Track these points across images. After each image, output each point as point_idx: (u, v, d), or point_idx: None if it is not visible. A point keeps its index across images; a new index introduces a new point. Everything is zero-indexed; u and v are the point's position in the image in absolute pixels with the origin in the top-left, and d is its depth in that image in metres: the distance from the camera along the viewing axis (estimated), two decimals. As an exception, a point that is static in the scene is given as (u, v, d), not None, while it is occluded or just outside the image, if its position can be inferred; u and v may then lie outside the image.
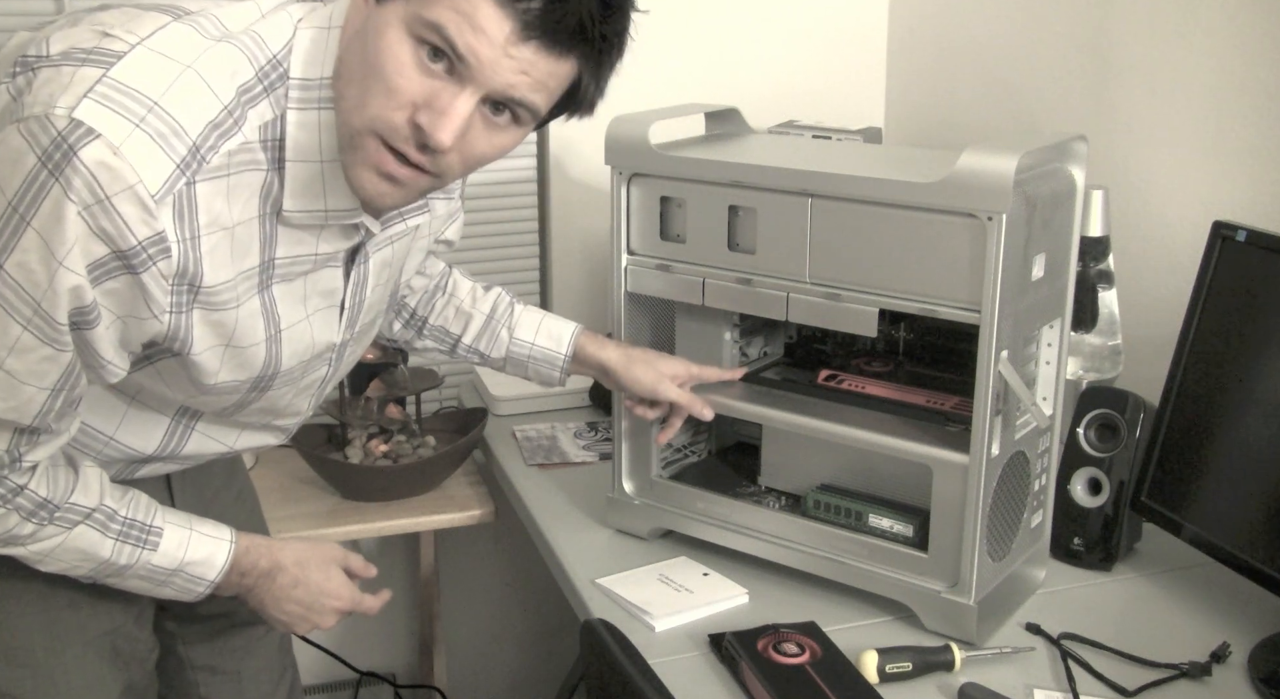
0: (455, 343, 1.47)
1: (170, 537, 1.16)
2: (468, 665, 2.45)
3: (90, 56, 0.95)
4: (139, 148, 0.93)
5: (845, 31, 2.28)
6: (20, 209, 0.92)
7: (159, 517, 1.16)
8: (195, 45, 0.98)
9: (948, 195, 1.20)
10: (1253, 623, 1.34)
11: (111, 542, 1.12)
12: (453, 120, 0.96)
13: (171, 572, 1.17)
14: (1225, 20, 1.57)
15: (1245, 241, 1.34)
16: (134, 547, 1.14)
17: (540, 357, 1.46)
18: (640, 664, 1.16)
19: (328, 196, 1.05)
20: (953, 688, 1.23)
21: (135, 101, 0.94)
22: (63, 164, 0.91)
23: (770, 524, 1.44)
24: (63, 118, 0.91)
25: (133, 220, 0.93)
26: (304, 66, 1.01)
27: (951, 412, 1.36)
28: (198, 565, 1.18)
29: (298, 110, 1.01)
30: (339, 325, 1.17)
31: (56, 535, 1.09)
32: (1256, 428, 1.31)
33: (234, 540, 1.20)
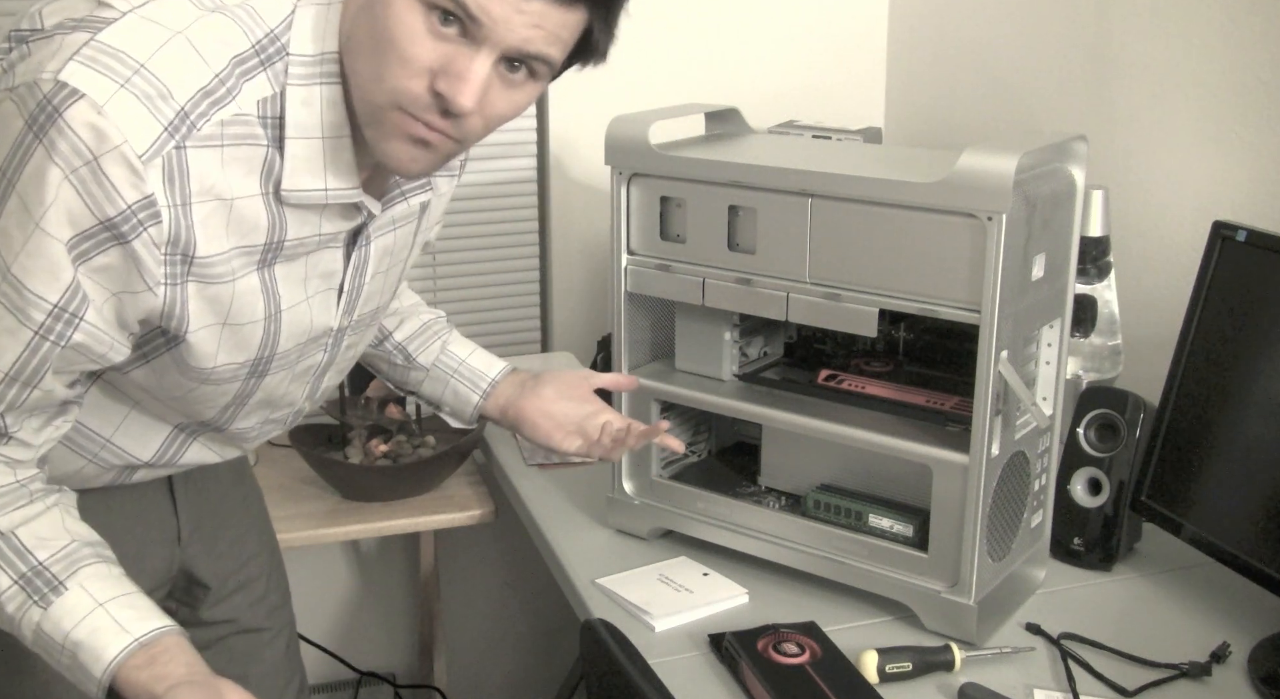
0: (384, 337, 1.43)
1: (71, 601, 1.00)
2: (468, 665, 2.45)
3: (81, 24, 0.94)
4: (124, 108, 0.91)
5: (845, 31, 2.28)
6: (8, 174, 0.92)
7: (80, 578, 1.01)
8: (188, 13, 0.97)
9: (948, 195, 1.20)
10: (1253, 623, 1.34)
11: (8, 580, 1.00)
12: (472, 83, 0.95)
13: (59, 647, 1.00)
14: (1225, 20, 1.57)
15: (1245, 241, 1.34)
16: (26, 595, 1.00)
17: (467, 374, 1.43)
18: (640, 664, 1.16)
19: (328, 175, 1.03)
20: (953, 688, 1.23)
21: (120, 63, 0.92)
22: (47, 125, 0.90)
23: (770, 524, 1.44)
24: (49, 81, 0.90)
25: (120, 182, 0.91)
26: (304, 42, 0.99)
27: (951, 412, 1.36)
28: (92, 646, 1.00)
29: (300, 86, 0.99)
30: (337, 309, 1.14)
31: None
32: (1256, 428, 1.31)
33: (161, 634, 1.01)
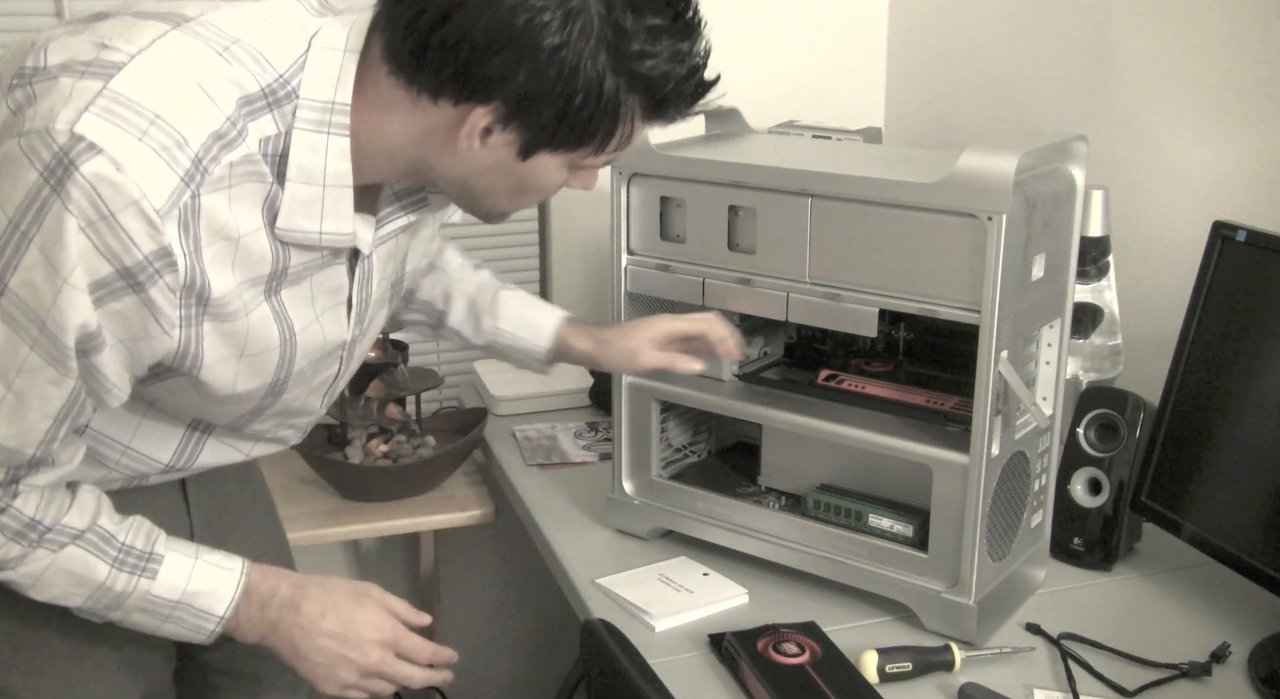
0: (440, 320, 1.44)
1: (172, 564, 1.10)
2: (468, 665, 2.45)
3: (89, 68, 0.94)
4: (143, 162, 0.91)
5: (845, 31, 2.28)
6: (22, 227, 0.91)
7: (161, 544, 1.11)
8: (196, 54, 0.97)
9: (948, 195, 1.20)
10: (1253, 623, 1.34)
11: (106, 566, 1.07)
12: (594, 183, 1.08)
13: (174, 603, 1.10)
14: (1225, 20, 1.57)
15: (1245, 241, 1.34)
16: (130, 573, 1.08)
17: (520, 348, 1.43)
18: (640, 664, 1.16)
19: (324, 219, 1.03)
20: (953, 688, 1.23)
21: (137, 114, 0.92)
22: (64, 179, 0.90)
23: (770, 524, 1.44)
24: (64, 133, 0.90)
25: (138, 235, 0.92)
26: (316, 87, 0.99)
27: (951, 412, 1.36)
28: (203, 597, 1.11)
29: (307, 131, 0.99)
30: (348, 322, 1.15)
31: (45, 558, 1.05)
32: (1256, 428, 1.31)
33: (245, 571, 1.13)
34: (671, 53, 0.97)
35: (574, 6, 0.92)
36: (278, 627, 1.14)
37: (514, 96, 0.95)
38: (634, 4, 0.94)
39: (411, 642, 1.20)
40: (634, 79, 0.96)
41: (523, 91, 0.95)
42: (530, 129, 0.98)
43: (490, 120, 0.97)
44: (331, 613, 1.15)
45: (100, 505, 1.10)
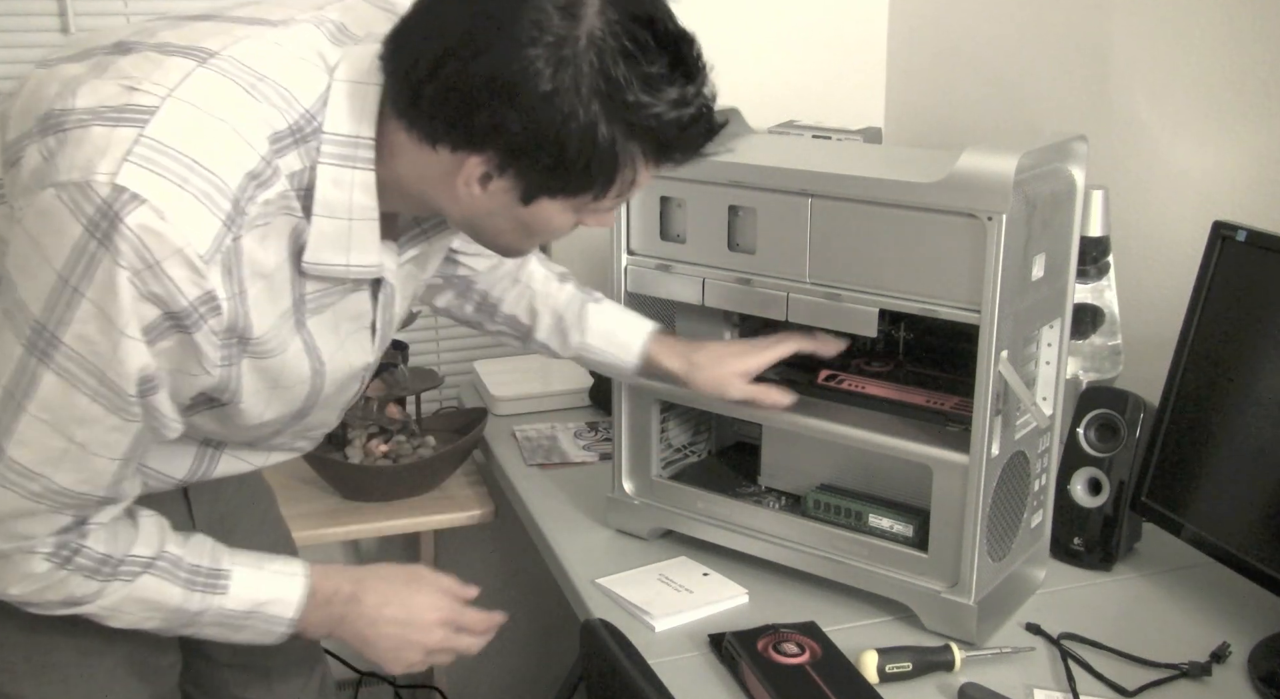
0: (527, 334, 1.45)
1: (240, 578, 1.13)
2: (468, 665, 2.45)
3: (123, 115, 0.93)
4: (185, 209, 0.92)
5: (845, 31, 2.28)
6: (72, 281, 0.91)
7: (226, 559, 1.13)
8: (224, 93, 0.96)
9: (948, 195, 1.20)
10: (1253, 623, 1.34)
11: (179, 589, 1.10)
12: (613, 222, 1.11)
13: (246, 614, 1.13)
14: (1225, 20, 1.57)
15: (1245, 241, 1.34)
16: (203, 593, 1.11)
17: (609, 363, 1.44)
18: (640, 664, 1.16)
19: (351, 252, 1.03)
20: (953, 688, 1.23)
21: (175, 161, 0.92)
22: (110, 233, 0.90)
23: (770, 524, 1.44)
24: (105, 184, 0.90)
25: (183, 282, 0.93)
26: (339, 121, 0.99)
27: (951, 412, 1.36)
28: (273, 605, 1.14)
29: (331, 165, 0.99)
30: (372, 345, 1.16)
31: (121, 589, 1.07)
32: (1256, 428, 1.31)
33: (308, 574, 1.16)
34: (670, 100, 0.95)
35: (565, 56, 0.91)
36: (343, 621, 1.18)
37: (507, 146, 0.95)
38: (628, 53, 0.92)
39: (467, 616, 1.25)
40: (632, 128, 0.95)
41: (516, 142, 0.94)
42: (527, 177, 0.97)
43: (487, 168, 0.97)
44: (392, 601, 1.20)
45: (164, 531, 1.11)
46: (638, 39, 0.92)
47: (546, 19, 0.90)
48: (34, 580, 1.04)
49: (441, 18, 0.94)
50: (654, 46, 0.93)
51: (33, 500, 1.00)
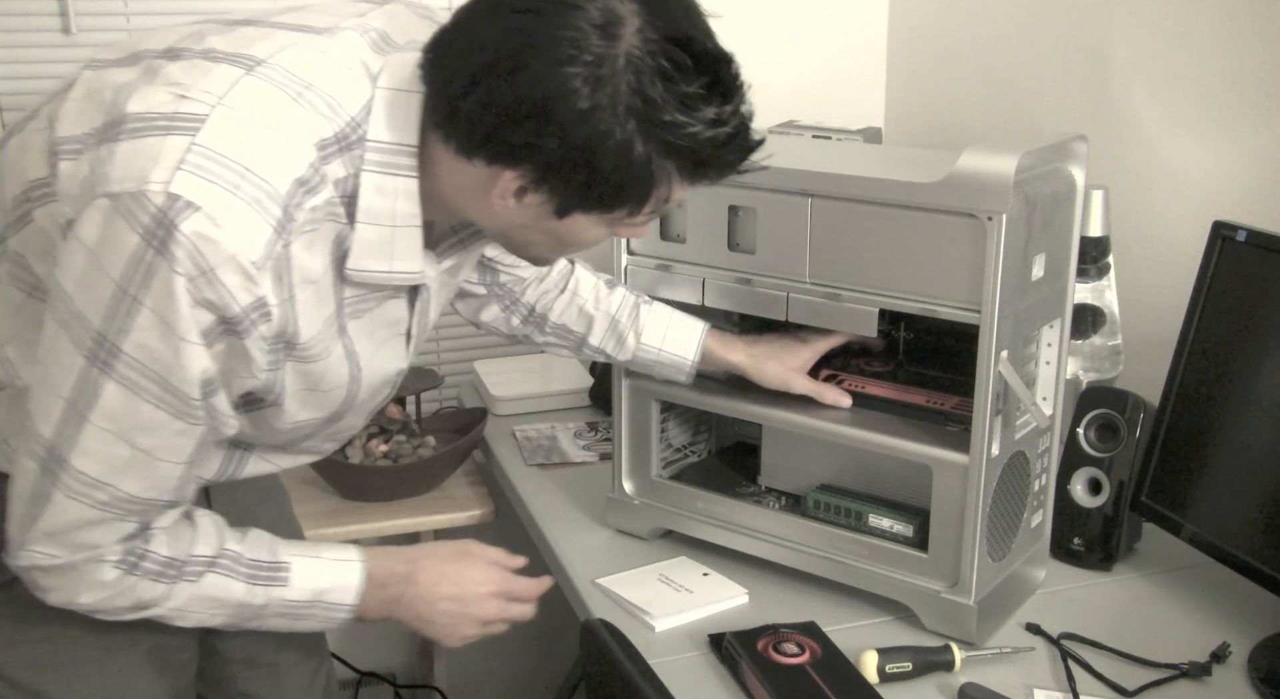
0: (580, 342, 1.45)
1: (299, 569, 1.15)
2: (468, 665, 2.45)
3: (173, 123, 0.94)
4: (238, 216, 0.93)
5: (845, 31, 2.28)
6: (130, 290, 0.92)
7: (284, 551, 1.15)
8: (272, 101, 0.97)
9: (948, 195, 1.20)
10: (1253, 623, 1.34)
11: (243, 585, 1.11)
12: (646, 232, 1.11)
13: (308, 603, 1.15)
14: (1225, 20, 1.57)
15: (1245, 241, 1.34)
16: (265, 586, 1.13)
17: (667, 362, 1.43)
18: (640, 664, 1.16)
19: (394, 259, 1.04)
20: (953, 688, 1.23)
21: (227, 168, 0.93)
22: (166, 241, 0.91)
23: (770, 524, 1.44)
24: (159, 193, 0.91)
25: (236, 289, 0.94)
26: (381, 129, 1.00)
27: (951, 412, 1.36)
28: (334, 592, 1.16)
29: (376, 174, 1.00)
30: (407, 351, 1.17)
31: (187, 590, 1.09)
32: (1256, 428, 1.31)
33: (364, 559, 1.18)
34: (707, 120, 0.95)
35: (602, 75, 0.91)
36: (400, 601, 1.20)
37: (543, 163, 0.95)
38: (664, 72, 0.93)
39: (518, 585, 1.28)
40: (667, 146, 0.95)
41: (551, 159, 0.95)
42: (561, 193, 0.98)
43: (522, 183, 0.98)
44: (445, 578, 1.22)
45: (222, 529, 1.13)
46: (675, 59, 0.93)
47: (585, 38, 0.91)
48: (103, 588, 1.06)
49: (480, 33, 0.94)
50: (691, 67, 0.94)
51: (100, 510, 1.01)
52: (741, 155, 1.01)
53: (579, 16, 0.91)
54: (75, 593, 1.06)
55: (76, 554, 1.03)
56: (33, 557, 1.03)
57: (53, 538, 1.02)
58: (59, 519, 1.01)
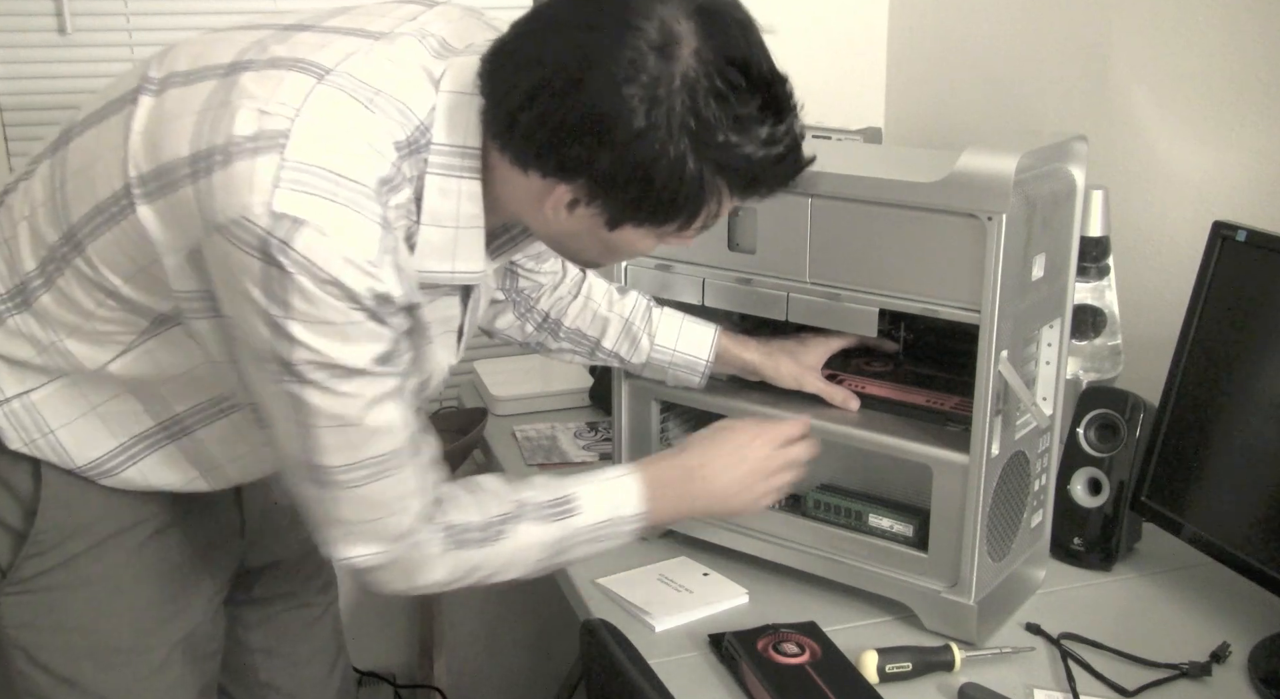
0: (594, 347, 1.45)
1: (585, 495, 1.18)
2: (468, 665, 2.45)
3: (259, 143, 0.96)
4: (343, 221, 0.95)
5: (845, 31, 2.28)
6: (274, 311, 0.96)
7: (564, 486, 1.19)
8: (347, 109, 0.99)
9: (948, 195, 1.20)
10: (1253, 623, 1.34)
11: (545, 525, 1.16)
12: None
13: (603, 523, 1.19)
14: (1225, 20, 1.57)
15: (1245, 241, 1.34)
16: (563, 520, 1.17)
17: (682, 363, 1.44)
18: (640, 664, 1.16)
19: (457, 259, 1.07)
20: (953, 688, 1.23)
21: (321, 178, 0.95)
22: (283, 259, 0.94)
23: (770, 524, 1.44)
24: (264, 215, 0.94)
25: (361, 287, 0.96)
26: (443, 132, 1.02)
27: (951, 411, 1.36)
28: (622, 506, 1.20)
29: (439, 175, 1.02)
30: (457, 348, 1.19)
31: (508, 546, 1.14)
32: (1256, 428, 1.31)
33: (633, 469, 1.22)
34: (760, 140, 0.97)
35: (658, 95, 0.93)
36: (684, 495, 1.24)
37: (596, 178, 0.97)
38: (720, 93, 0.94)
39: (780, 430, 1.29)
40: (719, 165, 0.97)
41: (605, 175, 0.97)
42: (614, 207, 1.00)
43: (575, 195, 1.00)
44: (715, 454, 1.25)
45: (508, 484, 1.18)
46: (730, 80, 0.95)
47: (642, 58, 0.92)
48: (435, 565, 1.11)
49: (539, 49, 0.96)
50: (746, 88, 0.96)
51: (372, 482, 1.05)
52: (792, 174, 1.03)
53: (637, 36, 0.93)
54: (413, 578, 1.11)
55: (395, 545, 1.08)
56: (363, 561, 1.09)
57: (363, 538, 1.07)
58: (354, 517, 1.06)
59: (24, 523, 1.15)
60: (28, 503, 1.14)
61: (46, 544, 1.15)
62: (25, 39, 1.92)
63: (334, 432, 1.02)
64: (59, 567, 1.16)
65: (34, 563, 1.16)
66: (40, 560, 1.15)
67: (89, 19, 1.94)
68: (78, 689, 1.19)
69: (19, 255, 1.10)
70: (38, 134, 1.94)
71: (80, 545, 1.16)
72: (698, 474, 1.24)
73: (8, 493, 1.15)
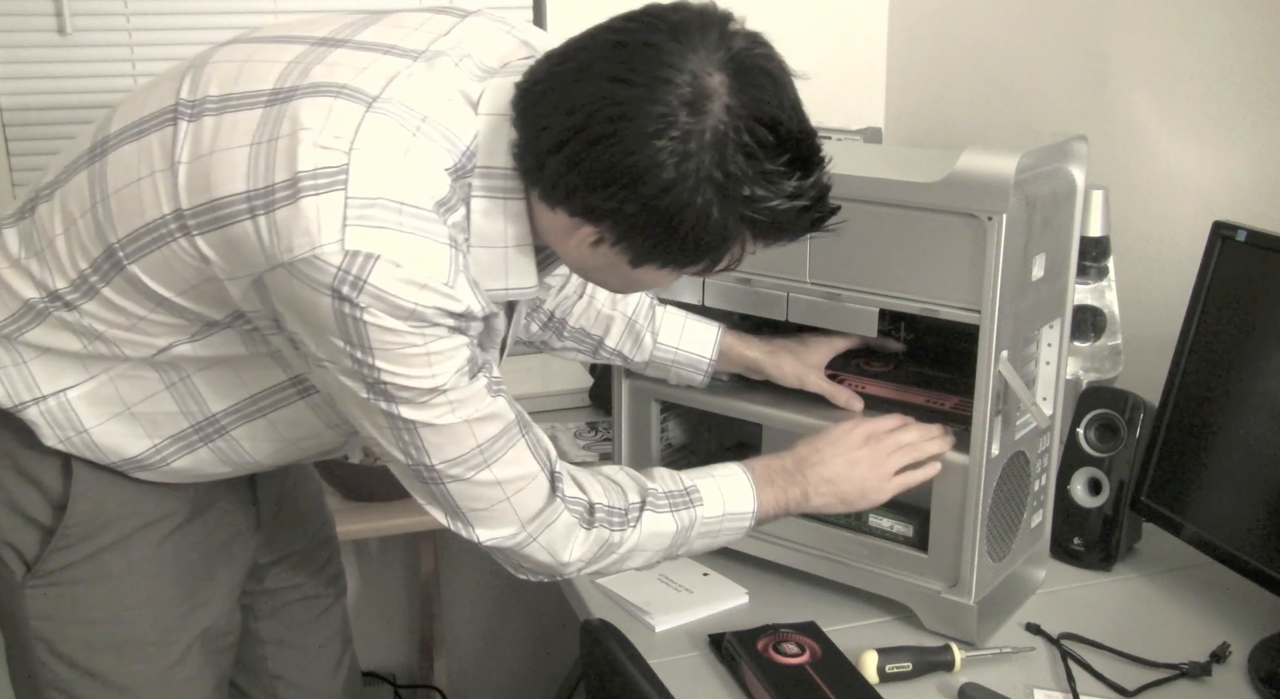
0: (597, 345, 1.46)
1: (704, 488, 1.22)
2: (468, 665, 2.45)
3: (318, 181, 0.96)
4: (414, 250, 0.97)
5: (845, 31, 2.28)
6: (352, 344, 0.99)
7: (685, 478, 1.22)
8: (398, 136, 0.99)
9: (948, 195, 1.20)
10: (1253, 623, 1.34)
11: (673, 515, 1.19)
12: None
13: (720, 518, 1.22)
14: (1225, 20, 1.57)
15: (1245, 241, 1.34)
16: (687, 510, 1.20)
17: (685, 361, 1.44)
18: (640, 664, 1.16)
19: (509, 276, 1.08)
20: (953, 688, 1.23)
21: (386, 210, 0.96)
22: (357, 295, 0.96)
23: (770, 524, 1.44)
24: (335, 253, 0.95)
25: (438, 310, 0.98)
26: (486, 155, 1.03)
27: (951, 411, 1.36)
28: (735, 501, 1.23)
29: (483, 198, 1.03)
30: (498, 360, 1.20)
31: (633, 534, 1.17)
32: (1256, 428, 1.31)
33: (744, 469, 1.25)
34: (786, 194, 0.99)
35: (689, 149, 0.94)
36: (789, 492, 1.26)
37: (622, 224, 1.00)
38: (747, 149, 0.96)
39: (883, 423, 1.30)
40: (743, 217, 0.99)
41: (630, 221, 0.99)
42: (638, 249, 1.02)
43: (600, 236, 1.02)
44: (825, 448, 1.27)
45: (636, 476, 1.21)
46: (759, 138, 0.96)
47: (673, 113, 0.94)
48: (577, 540, 1.14)
49: (572, 95, 0.97)
50: (774, 144, 0.97)
51: (484, 469, 1.08)
52: (815, 224, 1.05)
53: (670, 91, 0.94)
54: (557, 553, 1.14)
55: (532, 524, 1.12)
56: (505, 542, 1.13)
57: (497, 521, 1.11)
58: (479, 503, 1.10)
59: (52, 518, 1.17)
60: (57, 499, 1.16)
61: (74, 538, 1.17)
62: (25, 39, 1.92)
63: (437, 430, 1.05)
64: (85, 560, 1.18)
65: (60, 556, 1.17)
66: (66, 554, 1.17)
67: (89, 19, 1.94)
68: (99, 681, 1.20)
69: (60, 263, 1.10)
70: (38, 134, 1.95)
71: (107, 539, 1.18)
72: (816, 472, 1.26)
73: (37, 490, 1.16)
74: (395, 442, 1.06)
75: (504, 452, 1.09)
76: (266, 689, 1.46)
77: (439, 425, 1.04)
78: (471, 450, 1.07)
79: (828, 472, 1.26)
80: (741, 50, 0.98)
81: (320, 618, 1.49)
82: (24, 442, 1.15)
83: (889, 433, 1.28)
